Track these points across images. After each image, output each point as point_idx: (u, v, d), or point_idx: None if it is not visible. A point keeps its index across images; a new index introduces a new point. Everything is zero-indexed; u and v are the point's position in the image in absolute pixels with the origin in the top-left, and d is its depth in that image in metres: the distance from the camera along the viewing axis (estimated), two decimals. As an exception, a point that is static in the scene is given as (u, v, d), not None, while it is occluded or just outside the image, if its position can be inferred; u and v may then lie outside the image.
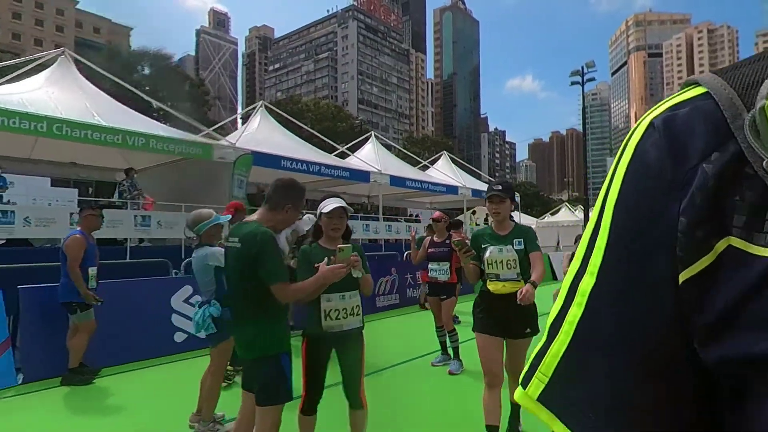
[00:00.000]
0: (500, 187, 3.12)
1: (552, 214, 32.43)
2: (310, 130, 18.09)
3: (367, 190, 18.70)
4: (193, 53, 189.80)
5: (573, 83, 25.94)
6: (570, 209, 31.39)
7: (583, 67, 25.68)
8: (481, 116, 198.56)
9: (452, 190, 19.22)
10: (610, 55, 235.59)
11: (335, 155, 16.93)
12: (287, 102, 53.17)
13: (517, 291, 2.89)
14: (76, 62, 10.96)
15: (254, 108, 15.26)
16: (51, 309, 4.62)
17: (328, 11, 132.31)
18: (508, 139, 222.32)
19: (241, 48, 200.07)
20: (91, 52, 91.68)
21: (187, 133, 11.45)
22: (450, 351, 5.25)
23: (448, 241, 5.17)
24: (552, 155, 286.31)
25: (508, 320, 3.01)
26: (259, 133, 13.81)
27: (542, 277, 2.91)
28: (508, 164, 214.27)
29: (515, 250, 3.04)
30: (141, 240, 9.84)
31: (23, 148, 11.16)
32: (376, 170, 15.62)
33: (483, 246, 3.10)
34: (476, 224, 21.31)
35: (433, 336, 5.55)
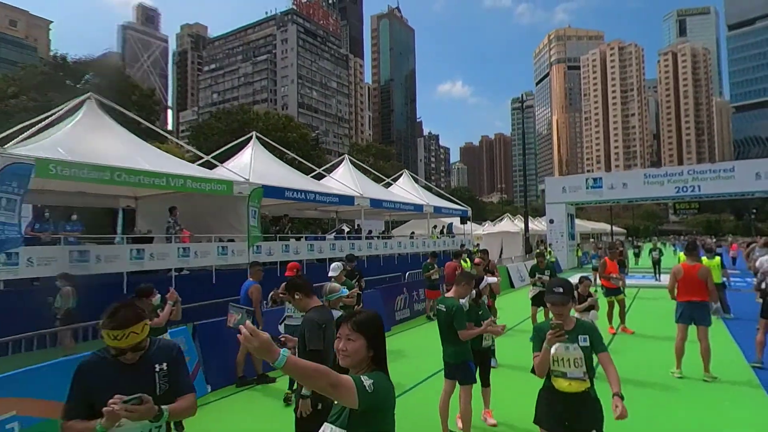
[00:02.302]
0: (561, 290, 3.06)
1: (494, 223, 35.99)
2: (296, 157, 19.67)
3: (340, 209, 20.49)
4: (116, 50, 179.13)
5: (514, 109, 29.37)
6: (510, 219, 35.04)
7: (522, 95, 29.19)
8: (417, 120, 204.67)
9: (418, 208, 21.64)
10: (534, 65, 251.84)
11: (312, 176, 18.36)
12: (237, 111, 53.26)
13: (583, 390, 2.95)
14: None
15: (248, 138, 16.64)
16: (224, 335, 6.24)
17: (266, 13, 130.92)
18: (441, 143, 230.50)
19: (172, 46, 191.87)
20: (10, 48, 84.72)
21: (208, 171, 12.89)
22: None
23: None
24: (482, 158, 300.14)
25: (573, 418, 2.96)
26: (258, 164, 15.30)
27: (619, 382, 2.88)
28: (443, 168, 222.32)
29: (581, 347, 2.97)
30: (181, 269, 11.21)
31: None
32: (357, 194, 17.64)
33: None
34: (437, 237, 23.87)
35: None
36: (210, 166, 14.59)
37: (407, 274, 14.86)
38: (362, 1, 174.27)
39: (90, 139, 10.96)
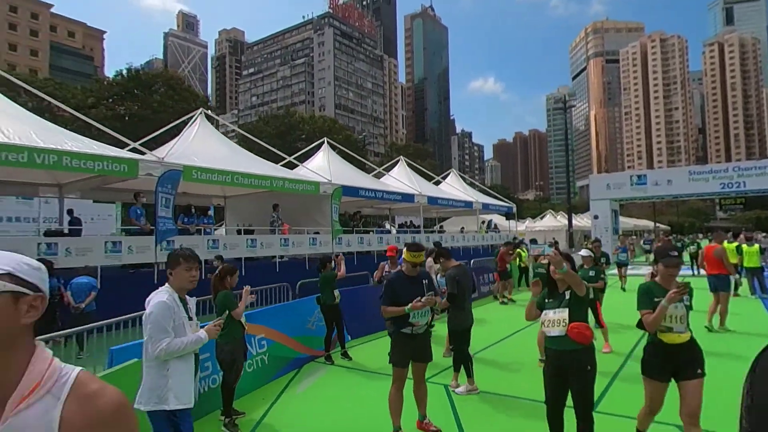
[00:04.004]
0: (676, 253, 3.53)
1: (535, 220, 37.10)
2: (361, 159, 21.53)
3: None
4: (160, 57, 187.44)
5: (556, 110, 30.37)
6: (553, 215, 36.02)
7: (565, 96, 30.15)
8: (450, 118, 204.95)
9: (468, 204, 23.18)
10: (570, 60, 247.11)
11: (282, 165, 16.53)
12: (284, 114, 55.99)
13: (689, 340, 3.39)
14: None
15: (321, 144, 18.65)
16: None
17: (303, 17, 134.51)
18: (474, 140, 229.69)
19: (211, 51, 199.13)
20: (69, 58, 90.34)
21: (299, 173, 14.96)
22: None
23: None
24: (516, 155, 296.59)
25: (680, 365, 3.35)
26: (333, 166, 17.26)
27: None
28: (477, 165, 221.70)
29: (684, 305, 3.40)
30: (282, 256, 13.27)
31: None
32: (417, 192, 19.35)
33: (656, 299, 3.36)
34: (485, 232, 25.35)
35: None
36: (291, 166, 16.68)
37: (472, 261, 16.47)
38: (396, 1, 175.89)
39: (207, 147, 13.16)
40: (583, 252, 7.65)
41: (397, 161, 23.29)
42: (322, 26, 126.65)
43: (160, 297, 2.91)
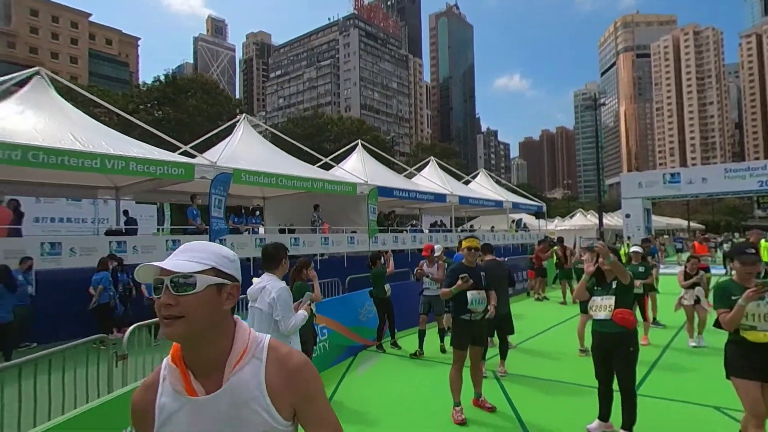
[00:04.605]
0: (753, 251, 3.41)
1: (564, 219, 36.89)
2: (395, 161, 22.04)
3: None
4: (191, 61, 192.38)
5: (586, 108, 30.17)
6: (583, 213, 35.77)
7: (595, 94, 29.97)
8: (476, 117, 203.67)
9: (499, 204, 23.41)
10: (599, 55, 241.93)
11: (319, 166, 17.22)
12: (312, 116, 56.99)
13: None
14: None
15: (354, 145, 19.24)
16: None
17: (329, 19, 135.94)
18: (499, 138, 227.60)
19: (238, 54, 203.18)
20: (107, 66, 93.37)
21: (336, 174, 15.59)
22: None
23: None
24: (542, 153, 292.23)
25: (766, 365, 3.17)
26: (368, 168, 17.80)
27: None
28: (502, 164, 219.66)
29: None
30: (322, 254, 13.91)
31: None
32: (448, 192, 19.74)
33: (733, 297, 3.25)
34: (515, 231, 25.53)
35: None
36: (325, 167, 17.32)
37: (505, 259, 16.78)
38: (420, 0, 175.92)
39: (251, 150, 13.89)
40: (634, 248, 8.00)
41: (428, 162, 23.72)
42: (348, 27, 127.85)
43: (280, 284, 3.47)
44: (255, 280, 3.61)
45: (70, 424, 2.39)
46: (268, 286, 3.46)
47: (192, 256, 1.16)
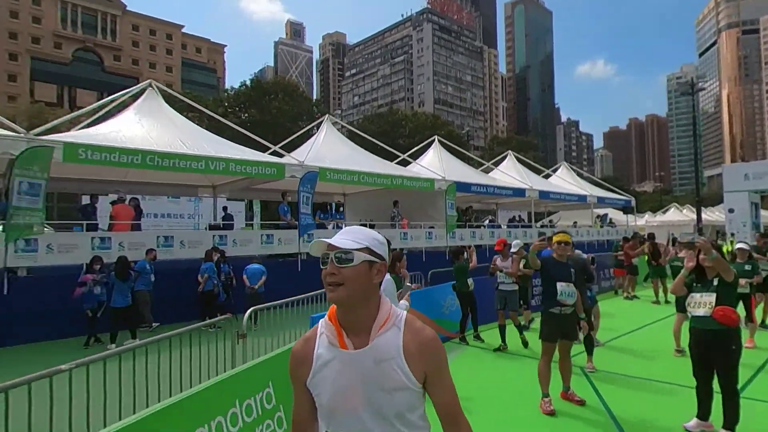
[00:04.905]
0: None
1: (656, 214, 34.32)
2: (472, 156, 21.93)
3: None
4: (271, 64, 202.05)
5: (681, 93, 27.85)
6: (678, 208, 33.11)
7: (692, 78, 27.59)
8: (554, 107, 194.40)
9: (582, 198, 22.42)
10: (696, 35, 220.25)
11: (396, 163, 17.53)
12: (387, 113, 57.78)
13: None
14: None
15: (431, 142, 19.41)
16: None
17: (402, 15, 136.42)
18: (581, 129, 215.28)
19: (315, 55, 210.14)
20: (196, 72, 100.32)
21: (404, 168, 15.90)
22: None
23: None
24: (630, 143, 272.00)
25: None
26: (445, 163, 17.88)
27: None
28: (585, 156, 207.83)
29: None
30: (402, 249, 14.28)
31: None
32: (528, 186, 19.27)
33: None
34: (600, 226, 24.24)
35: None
36: (402, 163, 17.63)
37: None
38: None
39: (334, 149, 14.56)
40: (740, 245, 7.43)
41: (505, 156, 23.27)
42: (421, 22, 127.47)
43: (385, 275, 3.78)
44: None
45: (203, 396, 2.83)
46: None
47: (352, 237, 1.39)
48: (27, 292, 8.50)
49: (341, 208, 14.85)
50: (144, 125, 10.75)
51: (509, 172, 20.83)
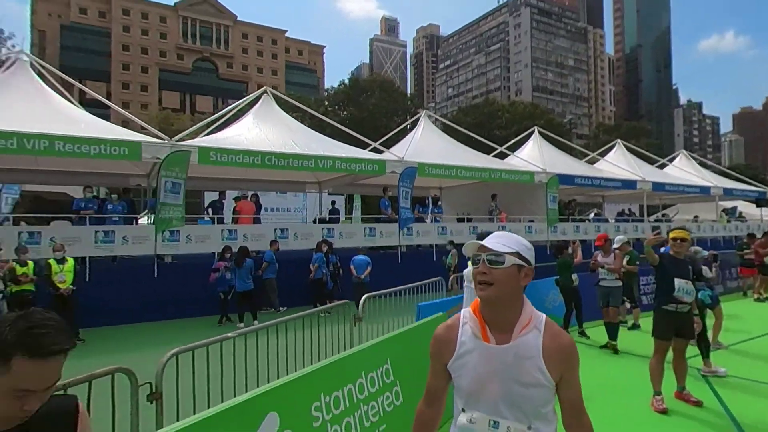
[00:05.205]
0: None
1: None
2: (574, 146, 20.97)
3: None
4: (367, 61, 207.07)
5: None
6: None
7: None
8: (672, 88, 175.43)
9: (705, 190, 20.28)
10: None
11: (493, 155, 17.38)
12: (483, 104, 56.66)
13: None
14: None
15: (530, 133, 18.87)
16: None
17: (498, 1, 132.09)
18: (704, 112, 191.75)
19: (409, 50, 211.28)
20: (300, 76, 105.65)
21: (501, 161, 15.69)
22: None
23: None
24: (765, 126, 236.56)
25: None
26: (546, 155, 17.31)
27: None
28: (709, 142, 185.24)
29: None
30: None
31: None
32: (639, 178, 17.95)
33: None
34: (726, 221, 21.77)
35: None
36: (502, 156, 17.38)
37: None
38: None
39: (431, 144, 14.82)
40: None
41: (613, 144, 21.80)
42: (518, 7, 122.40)
43: None
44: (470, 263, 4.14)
45: (338, 365, 3.29)
46: None
47: (503, 241, 1.51)
48: (172, 276, 9.97)
49: (439, 202, 15.09)
50: (261, 129, 11.94)
51: (617, 163, 19.52)
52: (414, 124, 16.14)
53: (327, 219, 14.27)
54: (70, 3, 79.44)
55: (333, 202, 15.55)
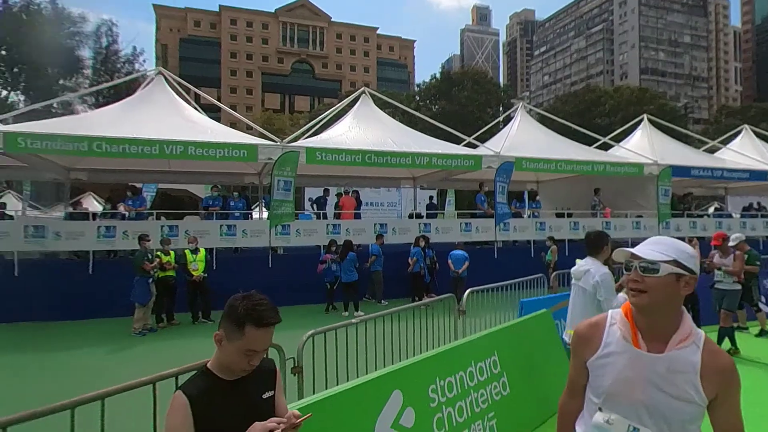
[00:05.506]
0: None
1: None
2: (696, 136, 19.18)
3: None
4: (458, 53, 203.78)
5: None
6: None
7: None
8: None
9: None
10: None
11: (596, 147, 16.43)
12: (584, 91, 53.32)
13: None
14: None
15: (639, 121, 17.54)
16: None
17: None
18: None
19: (501, 38, 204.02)
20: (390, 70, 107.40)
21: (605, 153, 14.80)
22: None
23: None
24: None
25: None
26: (656, 144, 15.98)
27: None
28: None
29: None
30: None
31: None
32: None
33: None
34: None
35: None
36: (605, 146, 16.36)
37: None
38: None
39: (529, 137, 14.43)
40: None
41: (739, 130, 19.47)
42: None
43: (603, 269, 3.94)
44: (578, 261, 4.14)
45: (451, 353, 3.56)
46: (591, 269, 3.91)
47: (659, 248, 1.44)
48: (284, 266, 10.94)
49: (536, 197, 14.69)
50: (361, 128, 12.54)
51: (744, 151, 17.43)
52: (508, 116, 15.82)
53: (424, 214, 14.57)
54: (186, 17, 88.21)
55: (431, 197, 15.85)
